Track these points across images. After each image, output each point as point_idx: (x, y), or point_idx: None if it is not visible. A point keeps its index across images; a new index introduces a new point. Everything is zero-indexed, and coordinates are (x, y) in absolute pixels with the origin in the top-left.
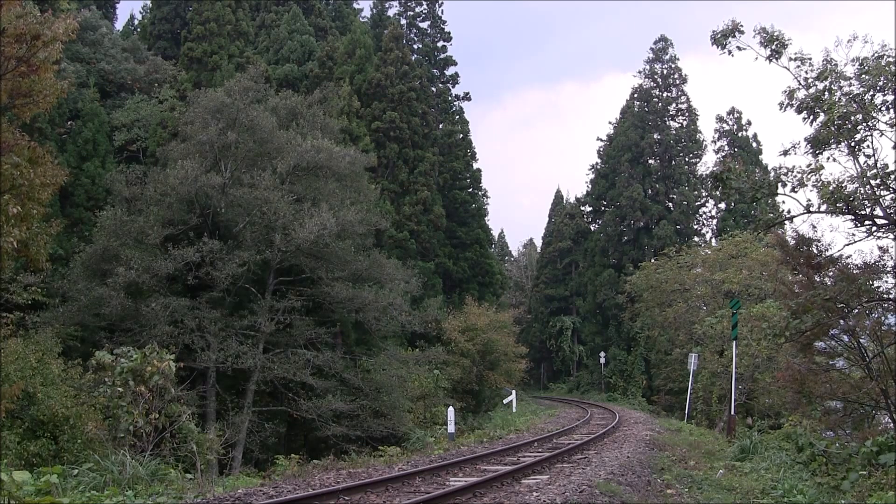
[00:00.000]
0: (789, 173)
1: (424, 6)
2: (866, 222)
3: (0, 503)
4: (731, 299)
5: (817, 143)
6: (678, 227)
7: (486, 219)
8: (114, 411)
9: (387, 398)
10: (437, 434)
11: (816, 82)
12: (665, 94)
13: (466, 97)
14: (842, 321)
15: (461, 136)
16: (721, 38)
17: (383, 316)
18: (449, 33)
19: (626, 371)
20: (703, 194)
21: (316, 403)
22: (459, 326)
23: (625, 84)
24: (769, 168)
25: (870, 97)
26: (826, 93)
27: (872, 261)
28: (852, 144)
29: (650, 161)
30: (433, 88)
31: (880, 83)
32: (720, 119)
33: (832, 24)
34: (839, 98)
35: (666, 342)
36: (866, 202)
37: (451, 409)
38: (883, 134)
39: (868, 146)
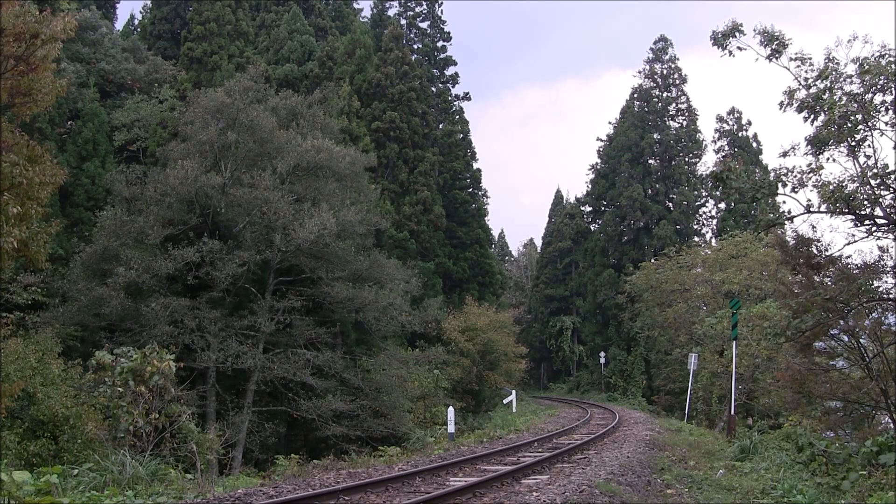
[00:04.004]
0: (789, 173)
1: (424, 6)
2: (866, 222)
3: (0, 503)
4: (731, 299)
5: (817, 143)
6: (678, 227)
7: (486, 219)
8: (114, 411)
9: (387, 398)
10: (437, 434)
11: (817, 82)
12: (665, 94)
13: (466, 97)
14: (842, 321)
15: (461, 136)
16: (721, 39)
17: (383, 316)
18: (448, 33)
19: (626, 371)
20: (703, 194)
21: (316, 403)
22: (459, 326)
23: (625, 82)
24: (769, 168)
25: (870, 97)
26: (826, 92)
27: (872, 261)
28: (852, 144)
29: (650, 161)
30: (433, 88)
31: (880, 83)
32: (720, 119)
33: (836, 21)
34: (839, 98)
35: (666, 342)
36: (866, 202)
37: (451, 409)
38: (883, 134)
39: (868, 146)
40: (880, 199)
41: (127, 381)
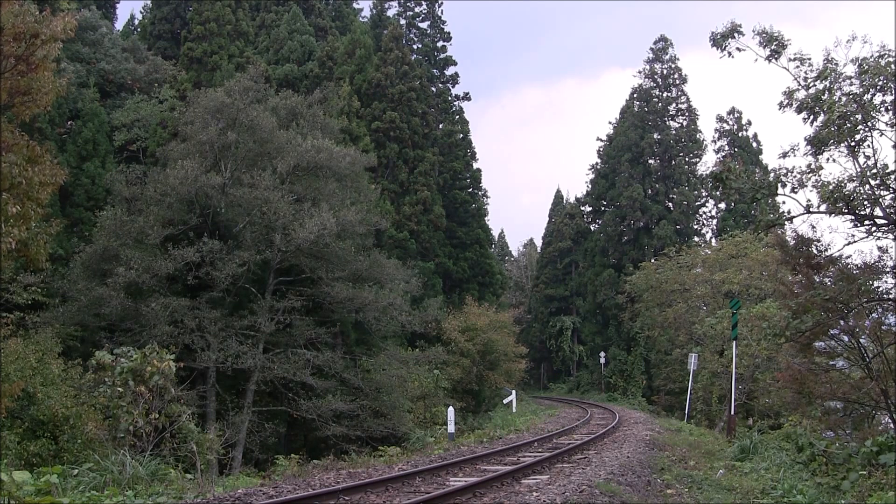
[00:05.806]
0: (789, 174)
1: (424, 6)
2: (866, 222)
3: (0, 503)
4: (731, 299)
5: (817, 144)
6: (678, 227)
7: (486, 219)
8: (114, 411)
9: (387, 398)
10: (437, 434)
11: (816, 83)
12: (665, 94)
13: (466, 97)
14: (842, 321)
15: (461, 136)
16: (720, 40)
17: (383, 316)
18: (448, 33)
19: (626, 371)
20: (703, 194)
21: (316, 403)
22: (459, 326)
23: (625, 81)
24: (769, 168)
25: (869, 97)
26: (826, 93)
27: (872, 261)
28: (852, 144)
29: (650, 161)
30: (433, 88)
31: (880, 83)
32: (720, 119)
33: (836, 19)
34: (839, 98)
35: (666, 342)
36: (866, 202)
37: (451, 409)
38: (883, 134)
39: (868, 146)
40: (880, 199)
41: (127, 381)
